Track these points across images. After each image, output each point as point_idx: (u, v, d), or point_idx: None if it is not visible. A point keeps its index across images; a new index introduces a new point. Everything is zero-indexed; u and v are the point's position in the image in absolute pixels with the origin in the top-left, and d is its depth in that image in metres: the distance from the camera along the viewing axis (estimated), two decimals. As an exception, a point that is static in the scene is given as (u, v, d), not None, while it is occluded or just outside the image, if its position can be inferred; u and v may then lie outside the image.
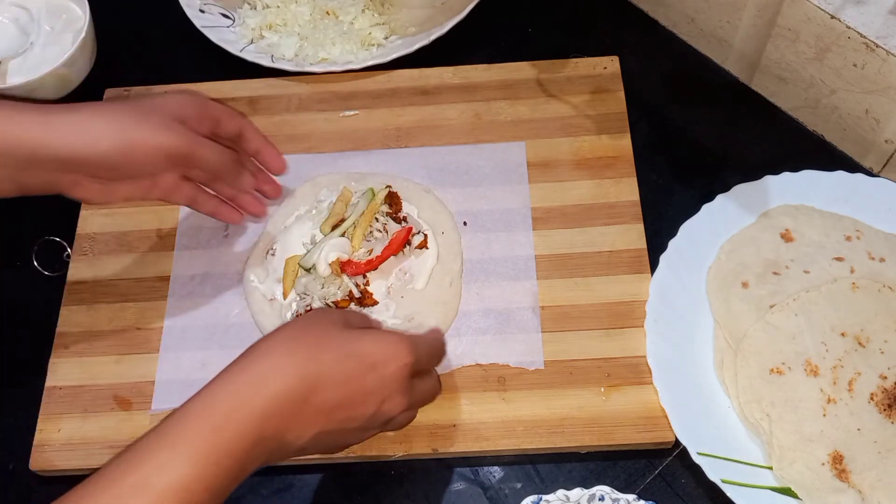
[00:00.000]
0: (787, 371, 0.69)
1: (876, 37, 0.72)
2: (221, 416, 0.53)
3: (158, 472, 0.51)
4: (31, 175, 0.64)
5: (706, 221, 0.77)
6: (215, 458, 0.52)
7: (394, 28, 0.92)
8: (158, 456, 0.52)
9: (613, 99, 0.85)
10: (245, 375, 0.55)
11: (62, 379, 0.76)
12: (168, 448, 0.52)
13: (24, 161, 0.63)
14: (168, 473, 0.51)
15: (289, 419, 0.55)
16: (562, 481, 0.70)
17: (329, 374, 0.57)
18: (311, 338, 0.58)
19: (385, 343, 0.60)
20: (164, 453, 0.52)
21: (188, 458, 0.52)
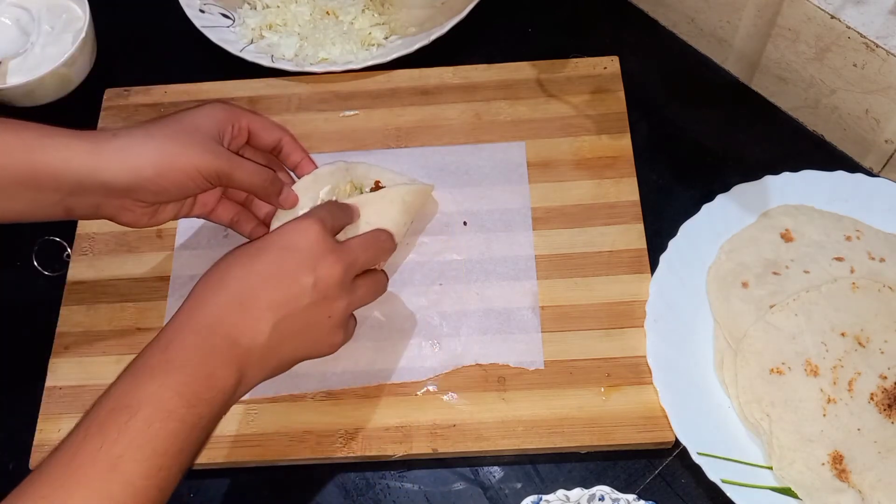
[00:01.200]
0: (787, 371, 0.69)
1: (876, 37, 0.72)
2: (165, 341, 0.58)
3: (126, 394, 0.55)
4: (79, 200, 0.66)
5: (706, 221, 0.77)
6: (172, 369, 0.56)
7: (394, 28, 0.92)
8: (120, 385, 0.56)
9: (613, 99, 0.85)
10: (179, 312, 0.60)
11: (62, 379, 0.76)
12: (129, 376, 0.56)
13: (74, 187, 0.65)
14: (134, 393, 0.55)
15: (232, 325, 0.59)
16: (562, 481, 0.70)
17: (250, 276, 0.61)
18: (222, 264, 0.63)
19: (287, 227, 0.64)
20: (125, 381, 0.56)
21: (147, 376, 0.56)
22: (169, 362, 0.57)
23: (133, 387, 0.56)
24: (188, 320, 0.59)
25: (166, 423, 0.54)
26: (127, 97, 0.90)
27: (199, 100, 0.88)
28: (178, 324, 0.59)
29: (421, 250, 0.79)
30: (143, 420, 0.53)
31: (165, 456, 0.54)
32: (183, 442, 0.55)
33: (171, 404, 0.55)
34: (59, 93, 0.90)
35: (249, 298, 0.60)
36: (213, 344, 0.58)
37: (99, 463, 0.52)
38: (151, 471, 0.53)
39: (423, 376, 0.73)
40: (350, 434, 0.71)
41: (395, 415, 0.72)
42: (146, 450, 0.53)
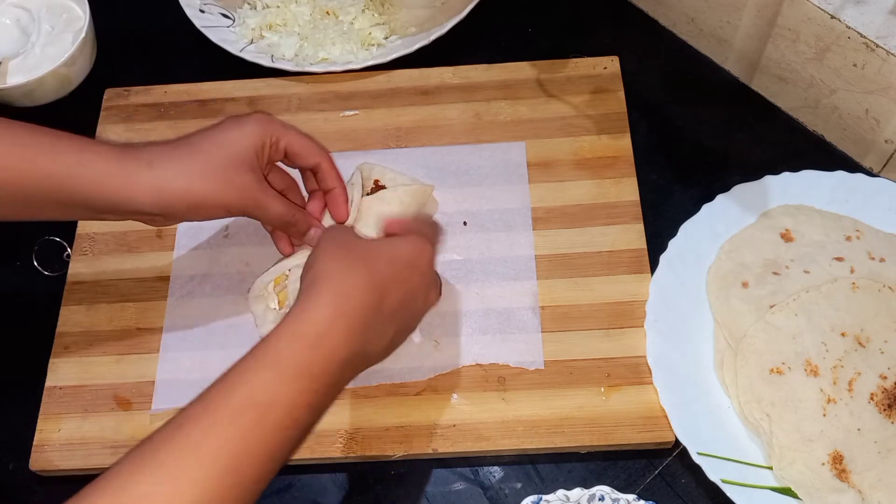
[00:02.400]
0: (787, 371, 0.69)
1: (876, 37, 0.72)
2: (313, 337, 0.56)
3: (263, 390, 0.53)
4: (108, 216, 0.68)
5: (706, 221, 0.77)
6: (313, 376, 0.55)
7: (394, 28, 0.92)
8: (260, 376, 0.54)
9: (613, 99, 0.85)
10: (327, 296, 0.57)
11: (62, 379, 0.76)
12: (268, 368, 0.54)
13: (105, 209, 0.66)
14: (271, 391, 0.53)
15: (370, 329, 0.59)
16: (562, 481, 0.70)
17: (389, 279, 0.60)
18: (358, 250, 0.62)
19: (413, 243, 0.64)
20: (266, 373, 0.54)
21: (289, 377, 0.54)
22: (313, 365, 0.55)
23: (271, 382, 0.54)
24: (339, 313, 0.57)
25: (289, 432, 0.54)
26: (127, 97, 0.90)
27: (200, 100, 0.88)
28: (329, 314, 0.57)
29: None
30: (272, 424, 0.53)
31: (277, 462, 0.54)
32: (293, 450, 0.55)
33: (300, 413, 0.54)
34: (59, 93, 0.90)
35: (385, 303, 0.60)
36: (355, 351, 0.58)
37: (220, 461, 0.51)
38: (263, 474, 0.53)
39: (423, 376, 0.73)
40: (350, 434, 0.71)
41: (395, 415, 0.72)
42: (264, 455, 0.52)
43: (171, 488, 0.49)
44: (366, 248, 0.62)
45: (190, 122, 0.87)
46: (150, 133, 0.87)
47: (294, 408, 0.54)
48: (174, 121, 0.88)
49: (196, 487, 0.50)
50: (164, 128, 0.87)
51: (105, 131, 0.88)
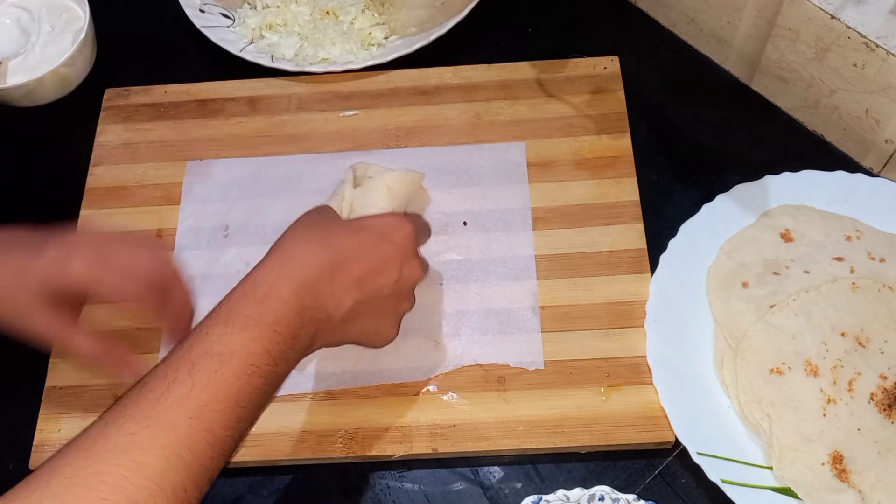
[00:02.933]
0: (787, 371, 0.69)
1: (876, 37, 0.72)
2: (262, 292, 0.58)
3: (218, 342, 0.55)
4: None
5: (706, 221, 0.77)
6: (265, 324, 0.56)
7: (394, 28, 0.92)
8: (214, 331, 0.56)
9: (613, 99, 0.85)
10: (274, 260, 0.61)
11: (62, 379, 0.76)
12: (222, 323, 0.56)
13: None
14: (226, 342, 0.55)
15: (323, 288, 0.60)
16: (562, 481, 0.70)
17: (348, 249, 0.62)
18: (322, 226, 0.64)
19: (386, 217, 0.67)
20: (219, 327, 0.56)
21: (241, 326, 0.56)
22: (263, 316, 0.57)
23: (226, 334, 0.56)
24: (285, 272, 0.59)
25: (252, 378, 0.55)
26: (127, 97, 0.90)
27: (200, 100, 0.89)
28: (275, 274, 0.59)
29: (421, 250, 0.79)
30: (231, 371, 0.54)
31: (246, 408, 0.55)
32: (260, 397, 0.56)
33: (259, 360, 0.56)
34: (59, 93, 0.90)
35: (343, 268, 0.61)
36: (305, 304, 0.59)
37: (185, 408, 0.52)
38: (231, 422, 0.54)
39: (423, 376, 0.73)
40: (350, 434, 0.71)
41: (395, 415, 0.72)
42: (230, 401, 0.54)
43: (141, 437, 0.50)
44: (328, 221, 0.65)
45: (190, 122, 0.87)
46: (151, 133, 0.87)
47: (251, 354, 0.55)
48: (174, 121, 0.88)
49: (165, 433, 0.51)
50: (163, 128, 0.87)
51: (105, 131, 0.88)
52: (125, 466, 0.49)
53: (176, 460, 0.50)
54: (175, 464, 0.50)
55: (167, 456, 0.50)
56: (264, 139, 0.86)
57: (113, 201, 0.84)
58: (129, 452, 0.50)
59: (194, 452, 0.51)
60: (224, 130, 0.87)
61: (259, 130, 0.87)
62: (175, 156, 0.86)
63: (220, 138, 0.86)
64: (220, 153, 0.86)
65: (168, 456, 0.50)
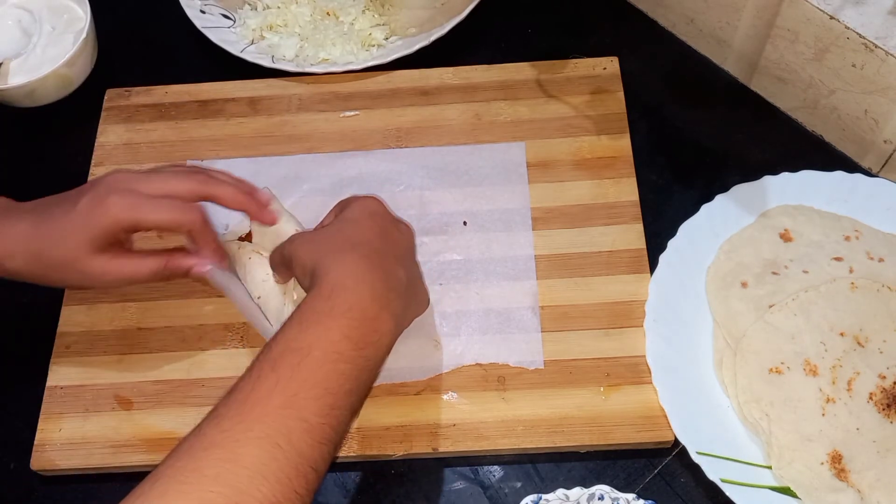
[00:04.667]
0: (786, 371, 0.69)
1: (875, 37, 0.72)
2: (327, 289, 0.59)
3: (295, 338, 0.57)
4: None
5: (705, 221, 0.77)
6: (338, 313, 0.58)
7: (394, 29, 0.92)
8: (288, 332, 0.57)
9: (613, 99, 0.85)
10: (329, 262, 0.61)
11: (63, 379, 0.76)
12: (296, 324, 0.58)
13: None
14: (303, 337, 0.57)
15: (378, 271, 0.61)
16: (561, 480, 0.70)
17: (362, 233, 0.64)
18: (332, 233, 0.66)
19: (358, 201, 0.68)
20: (294, 328, 0.58)
21: (314, 322, 0.58)
22: (334, 308, 0.58)
23: (301, 331, 0.57)
24: (339, 275, 0.60)
25: (337, 364, 0.56)
26: (128, 97, 0.90)
27: (200, 100, 0.89)
28: (333, 276, 0.60)
29: (421, 250, 0.79)
30: (314, 360, 0.55)
31: (337, 395, 0.55)
32: (353, 382, 0.56)
33: (340, 346, 0.56)
34: (60, 93, 0.90)
35: (382, 252, 0.63)
36: (374, 288, 0.60)
37: (274, 399, 0.53)
38: (324, 409, 0.54)
39: (423, 376, 0.73)
40: (350, 434, 0.71)
41: (395, 415, 0.72)
42: (319, 388, 0.54)
43: (236, 431, 0.51)
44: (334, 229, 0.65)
45: (190, 122, 0.88)
46: (152, 133, 0.87)
47: (330, 342, 0.56)
48: (175, 121, 0.88)
49: (258, 424, 0.52)
50: (164, 128, 0.88)
51: (106, 132, 0.88)
52: (224, 459, 0.50)
53: (273, 448, 0.51)
54: (273, 452, 0.51)
55: (263, 445, 0.51)
56: (265, 139, 0.86)
57: (114, 201, 0.84)
58: (226, 446, 0.51)
59: (290, 440, 0.52)
60: (225, 131, 0.87)
61: (259, 131, 0.87)
62: (176, 156, 0.86)
63: (220, 139, 0.87)
64: (220, 153, 0.86)
65: (264, 445, 0.51)
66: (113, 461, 0.72)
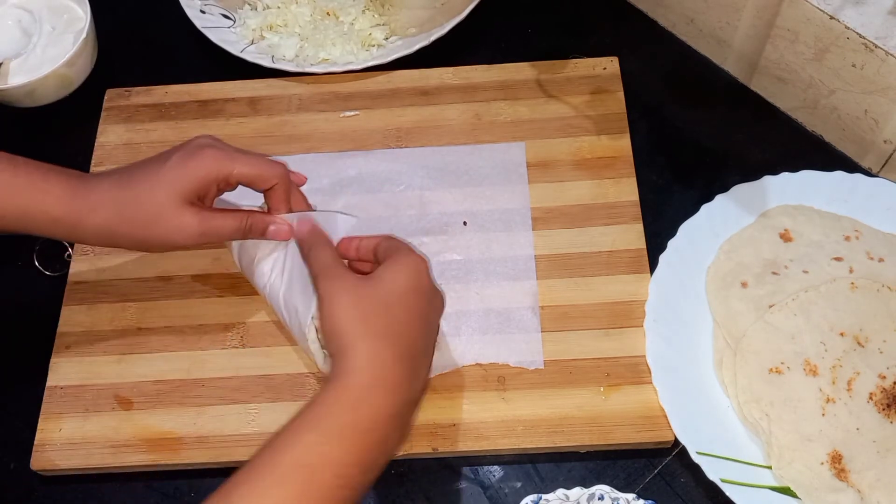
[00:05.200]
0: (786, 371, 0.69)
1: (875, 37, 0.72)
2: (353, 400, 0.56)
3: (309, 452, 0.54)
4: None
5: (705, 221, 0.77)
6: (359, 433, 0.55)
7: (394, 29, 0.92)
8: (305, 439, 0.54)
9: (613, 99, 0.85)
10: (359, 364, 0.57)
11: (63, 379, 0.76)
12: (312, 431, 0.55)
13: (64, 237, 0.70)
14: (318, 452, 0.54)
15: (407, 379, 0.58)
16: (561, 480, 0.70)
17: (408, 321, 0.60)
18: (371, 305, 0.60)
19: (406, 266, 0.62)
20: (310, 436, 0.54)
21: (334, 437, 0.54)
22: (358, 424, 0.55)
23: (319, 443, 0.54)
24: (374, 372, 0.57)
25: (342, 490, 0.54)
26: (128, 97, 0.90)
27: (200, 101, 0.89)
28: (363, 377, 0.57)
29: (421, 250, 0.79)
30: (322, 484, 0.53)
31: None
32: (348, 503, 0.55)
33: (350, 471, 0.55)
34: (60, 93, 0.90)
35: (415, 349, 0.60)
36: (399, 403, 0.57)
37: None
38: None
39: (423, 376, 0.73)
40: (350, 433, 0.71)
41: (396, 414, 0.72)
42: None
43: None
44: (376, 299, 0.60)
45: (190, 122, 0.88)
46: (152, 133, 0.87)
47: (343, 466, 0.54)
48: (175, 121, 0.88)
49: None
50: (164, 128, 0.88)
51: (106, 132, 0.88)
52: None
53: None
54: None
55: None
56: (265, 139, 0.86)
57: (114, 201, 0.84)
58: None
59: None
60: (225, 131, 0.87)
61: (259, 131, 0.87)
62: (176, 156, 0.86)
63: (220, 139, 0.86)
64: (220, 153, 0.86)
65: None
66: (113, 461, 0.72)
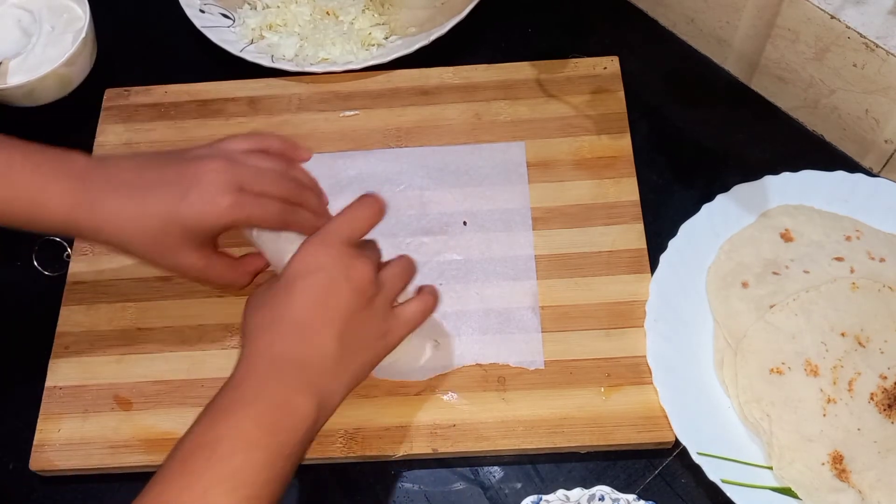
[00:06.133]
0: (786, 371, 0.69)
1: (876, 37, 0.72)
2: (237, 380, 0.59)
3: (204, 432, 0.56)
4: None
5: (706, 221, 0.77)
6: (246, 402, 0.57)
7: (394, 28, 0.92)
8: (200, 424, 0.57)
9: (613, 99, 0.85)
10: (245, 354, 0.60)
11: (62, 379, 0.76)
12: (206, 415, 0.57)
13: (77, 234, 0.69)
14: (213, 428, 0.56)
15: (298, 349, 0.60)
16: (562, 481, 0.70)
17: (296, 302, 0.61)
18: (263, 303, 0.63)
19: (308, 248, 0.63)
20: (205, 420, 0.57)
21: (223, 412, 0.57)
22: (243, 397, 0.57)
23: (211, 425, 0.56)
24: (254, 359, 0.59)
25: (249, 454, 0.54)
26: (127, 97, 0.90)
27: (200, 100, 0.89)
28: (245, 365, 0.59)
29: (421, 250, 0.79)
30: (224, 453, 0.54)
31: (254, 486, 0.54)
32: (269, 471, 0.55)
33: (251, 435, 0.55)
34: (60, 93, 0.90)
35: (304, 324, 0.60)
36: (284, 372, 0.58)
37: (187, 499, 0.52)
38: (242, 502, 0.53)
39: (423, 376, 0.73)
40: (350, 434, 0.71)
41: (395, 415, 0.72)
42: (232, 482, 0.53)
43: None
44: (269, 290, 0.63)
45: (190, 122, 0.87)
46: (151, 133, 0.87)
47: (241, 432, 0.55)
48: (174, 121, 0.88)
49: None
50: (164, 128, 0.87)
51: (105, 131, 0.88)
52: None
53: None
54: None
55: None
56: (264, 139, 0.86)
57: (113, 201, 0.84)
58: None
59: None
60: (224, 131, 0.87)
61: (259, 131, 0.87)
62: (175, 156, 0.86)
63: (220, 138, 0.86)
64: (220, 153, 0.86)
65: None
66: (112, 462, 0.72)
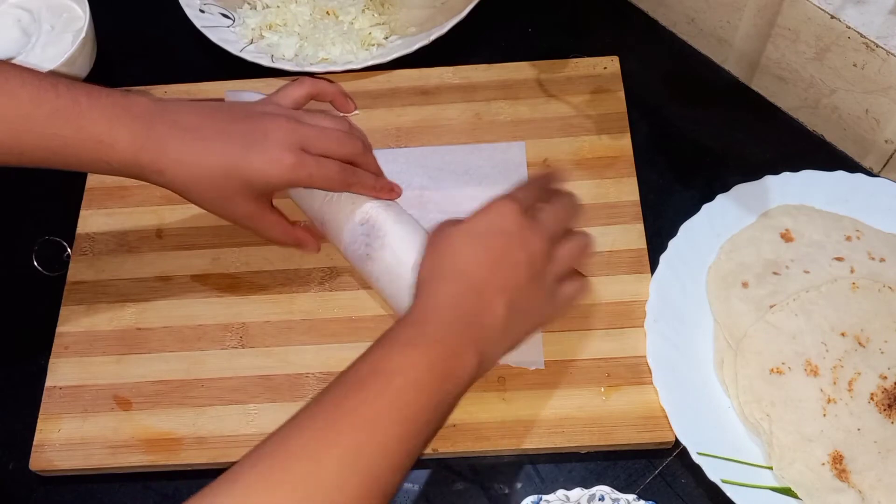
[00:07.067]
0: (787, 371, 0.69)
1: (876, 37, 0.72)
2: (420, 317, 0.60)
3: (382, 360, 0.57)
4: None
5: (706, 221, 0.77)
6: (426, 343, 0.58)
7: (394, 28, 0.92)
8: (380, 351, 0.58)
9: (613, 99, 0.85)
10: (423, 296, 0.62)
11: (62, 379, 0.76)
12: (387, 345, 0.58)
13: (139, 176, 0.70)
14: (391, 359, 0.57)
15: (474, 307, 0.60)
16: (562, 481, 0.70)
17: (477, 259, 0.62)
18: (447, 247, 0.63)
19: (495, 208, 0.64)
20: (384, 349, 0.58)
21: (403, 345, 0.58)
22: (423, 336, 0.58)
23: (389, 354, 0.57)
24: (437, 304, 0.60)
25: (419, 395, 0.56)
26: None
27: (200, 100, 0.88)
28: (427, 307, 0.60)
29: (421, 250, 0.79)
30: (398, 387, 0.55)
31: (416, 423, 0.55)
32: (430, 414, 0.56)
33: (423, 377, 0.56)
34: (60, 93, 0.90)
35: (482, 284, 0.61)
36: (462, 324, 0.59)
37: (358, 419, 0.53)
38: (402, 436, 0.54)
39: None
40: (350, 434, 0.71)
41: (395, 415, 0.72)
42: (400, 415, 0.54)
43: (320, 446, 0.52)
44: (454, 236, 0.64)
45: (190, 122, 0.87)
46: (150, 133, 0.87)
47: (415, 371, 0.56)
48: (174, 121, 0.88)
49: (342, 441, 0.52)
50: (164, 128, 0.87)
51: (105, 131, 0.88)
52: (306, 472, 0.51)
53: (352, 468, 0.52)
54: (352, 470, 0.52)
55: (344, 462, 0.52)
56: (264, 139, 0.86)
57: (113, 201, 0.84)
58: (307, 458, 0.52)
59: (369, 463, 0.53)
60: (224, 130, 0.87)
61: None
62: (175, 156, 0.86)
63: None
64: (220, 153, 0.85)
65: (344, 462, 0.52)
66: (112, 462, 0.72)
